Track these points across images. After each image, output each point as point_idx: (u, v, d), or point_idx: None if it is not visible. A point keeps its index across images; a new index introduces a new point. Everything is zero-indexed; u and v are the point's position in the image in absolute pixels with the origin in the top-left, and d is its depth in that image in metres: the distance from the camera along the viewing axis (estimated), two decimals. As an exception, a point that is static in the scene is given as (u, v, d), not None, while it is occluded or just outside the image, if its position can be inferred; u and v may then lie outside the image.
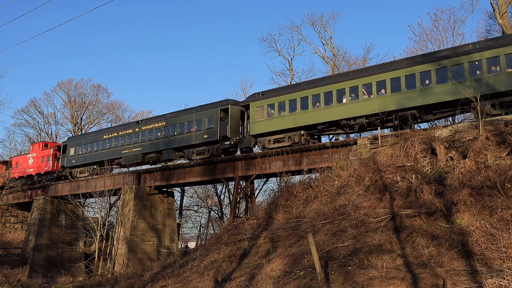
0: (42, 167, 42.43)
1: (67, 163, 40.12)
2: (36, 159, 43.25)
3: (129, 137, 35.68)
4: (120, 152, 35.86)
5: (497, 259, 11.52)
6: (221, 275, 16.27)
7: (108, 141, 37.22)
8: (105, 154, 36.92)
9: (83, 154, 39.01)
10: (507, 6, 30.15)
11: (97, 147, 37.97)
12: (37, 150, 43.86)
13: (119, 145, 36.18)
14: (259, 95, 29.27)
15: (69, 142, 41.21)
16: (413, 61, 23.86)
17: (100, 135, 38.61)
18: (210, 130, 30.38)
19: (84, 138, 40.25)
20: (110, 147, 36.76)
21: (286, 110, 27.46)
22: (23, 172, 44.10)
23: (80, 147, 39.57)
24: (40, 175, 42.71)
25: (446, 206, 14.55)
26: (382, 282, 11.72)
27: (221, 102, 31.68)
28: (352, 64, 43.51)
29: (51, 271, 37.50)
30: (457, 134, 19.41)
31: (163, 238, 35.02)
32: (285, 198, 21.36)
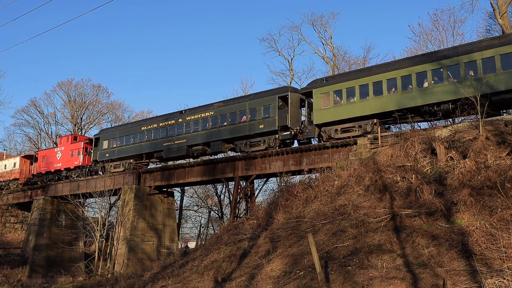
0: (72, 161, 40.22)
1: (100, 157, 37.59)
2: (65, 153, 41.06)
3: (171, 128, 33.14)
4: (161, 144, 33.26)
5: (497, 259, 11.52)
6: (221, 275, 16.27)
7: (147, 133, 34.58)
8: (143, 147, 34.65)
9: (118, 147, 36.48)
10: (507, 6, 30.15)
11: (134, 140, 35.50)
12: (65, 144, 41.60)
13: (159, 137, 33.53)
14: (322, 81, 26.99)
15: (102, 135, 38.53)
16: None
17: (137, 127, 36.01)
18: (267, 120, 28.02)
19: (119, 130, 37.53)
20: (149, 140, 34.21)
21: (356, 96, 25.10)
22: (51, 166, 41.87)
23: (114, 140, 37.00)
24: (70, 170, 40.67)
25: (446, 206, 14.55)
26: (382, 282, 11.72)
27: (278, 89, 29.73)
28: (352, 64, 43.57)
29: (51, 271, 37.52)
30: (457, 134, 19.42)
31: (163, 238, 35.04)
32: (285, 198, 21.37)
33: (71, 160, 40.33)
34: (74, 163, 39.96)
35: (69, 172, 40.54)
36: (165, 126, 33.50)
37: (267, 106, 28.28)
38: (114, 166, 36.93)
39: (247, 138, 29.32)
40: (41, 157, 43.49)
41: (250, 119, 28.93)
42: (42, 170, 42.57)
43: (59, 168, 41.08)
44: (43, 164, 42.71)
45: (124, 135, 36.38)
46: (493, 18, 34.89)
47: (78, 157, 39.97)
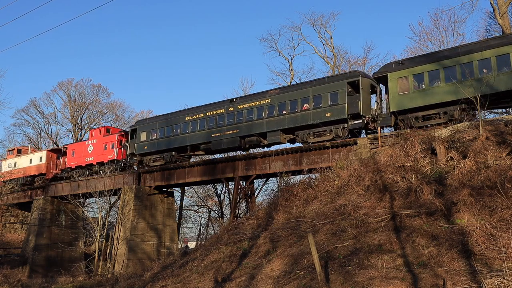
0: (105, 155, 37.77)
1: (137, 150, 35.03)
2: (97, 146, 38.51)
3: (220, 118, 30.51)
4: (209, 135, 30.84)
5: (497, 259, 11.52)
6: (221, 275, 16.27)
7: (192, 123, 32.03)
8: (187, 138, 32.11)
9: (158, 139, 33.86)
10: (507, 6, 30.17)
11: (177, 131, 32.87)
12: (98, 136, 39.01)
13: (206, 128, 31.07)
14: (398, 64, 24.79)
15: (139, 126, 35.82)
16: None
17: (181, 117, 33.11)
18: (334, 107, 25.72)
19: (159, 121, 34.58)
20: (195, 130, 31.72)
21: (441, 80, 22.85)
22: (81, 161, 39.63)
23: (154, 131, 34.35)
24: (102, 164, 38.35)
25: (446, 206, 14.56)
26: (382, 282, 11.73)
27: (347, 74, 27.37)
28: (352, 64, 43.53)
29: (51, 271, 37.54)
30: (457, 134, 19.43)
31: (163, 238, 35.05)
32: (285, 198, 21.37)
33: (105, 153, 37.88)
34: (107, 156, 37.58)
35: (102, 166, 38.36)
36: (214, 115, 30.96)
37: (334, 92, 25.95)
38: (153, 160, 34.62)
39: (310, 128, 26.89)
40: (70, 151, 41.33)
41: (314, 106, 26.58)
42: (71, 165, 40.44)
43: (91, 162, 38.84)
44: (73, 158, 40.51)
45: (165, 125, 33.68)
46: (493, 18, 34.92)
47: (112, 151, 37.41)
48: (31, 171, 43.60)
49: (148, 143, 34.42)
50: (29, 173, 43.64)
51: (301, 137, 27.31)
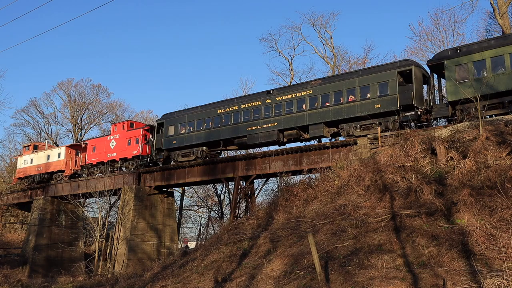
0: (129, 150, 35.98)
1: (164, 145, 33.33)
2: (120, 141, 36.79)
3: (256, 110, 28.95)
4: (244, 129, 29.22)
5: (497, 259, 11.52)
6: (221, 275, 16.27)
7: (225, 116, 30.39)
8: (220, 132, 30.49)
9: (188, 134, 32.19)
10: (507, 6, 30.20)
11: (208, 124, 31.24)
12: (121, 131, 37.22)
13: (241, 121, 29.47)
14: (455, 52, 23.18)
15: (166, 120, 34.03)
16: None
17: (212, 109, 31.37)
18: (384, 98, 24.29)
19: (189, 114, 32.79)
20: (228, 124, 30.09)
21: (507, 66, 21.15)
22: (103, 157, 37.91)
23: (183, 125, 32.69)
24: (126, 160, 36.50)
25: (446, 206, 14.56)
26: (382, 282, 11.73)
27: (397, 63, 25.66)
28: (353, 64, 43.53)
29: (51, 271, 37.57)
30: (457, 134, 19.44)
31: (163, 238, 35.07)
32: (285, 198, 21.37)
33: (128, 149, 36.07)
34: (132, 152, 35.77)
35: (126, 162, 36.70)
36: (249, 108, 29.32)
37: (383, 82, 24.53)
38: (182, 155, 32.90)
39: (357, 120, 25.40)
40: (90, 146, 39.62)
41: (361, 98, 25.09)
42: (92, 161, 38.83)
43: (114, 158, 37.19)
44: (94, 154, 38.80)
45: (196, 119, 32.05)
46: (493, 18, 34.93)
47: (136, 146, 35.59)
48: (48, 168, 42.09)
49: (176, 138, 32.82)
50: (47, 170, 42.14)
51: (346, 131, 25.74)
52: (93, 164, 38.80)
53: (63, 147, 41.98)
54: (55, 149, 43.05)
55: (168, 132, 33.37)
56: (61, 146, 43.69)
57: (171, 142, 33.06)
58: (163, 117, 34.82)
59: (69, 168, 40.83)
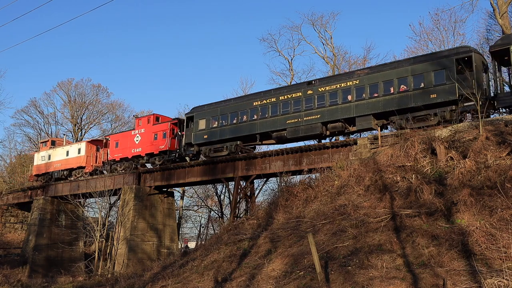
0: (156, 145, 34.38)
1: (195, 140, 31.72)
2: (146, 136, 35.13)
3: (297, 102, 27.41)
4: (283, 122, 27.73)
5: (497, 259, 11.53)
6: (221, 275, 16.28)
7: (262, 108, 28.80)
8: (256, 126, 28.91)
9: (221, 127, 30.52)
10: (507, 6, 30.20)
11: (243, 117, 29.62)
12: (146, 125, 35.56)
13: (280, 113, 27.94)
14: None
15: (196, 113, 32.36)
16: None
17: (247, 102, 29.82)
18: (441, 88, 22.70)
19: (222, 107, 31.16)
20: (266, 117, 28.51)
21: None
22: (127, 152, 36.21)
23: (215, 119, 31.02)
24: (152, 156, 34.86)
25: (446, 206, 14.57)
26: (382, 282, 11.73)
27: (454, 49, 24.22)
28: (353, 64, 43.52)
29: (51, 271, 37.58)
30: (457, 134, 19.44)
31: (163, 238, 35.08)
32: (285, 198, 21.38)
33: (155, 144, 34.49)
34: (159, 147, 34.19)
35: (152, 158, 35.06)
36: (288, 99, 27.82)
37: (439, 70, 23.03)
38: (214, 150, 31.27)
39: (411, 111, 23.72)
40: (113, 142, 37.90)
41: (415, 87, 23.54)
42: (115, 157, 37.15)
43: (139, 154, 35.49)
44: (117, 149, 37.13)
45: (229, 112, 30.41)
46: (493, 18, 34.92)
47: (164, 140, 33.93)
48: (68, 164, 40.61)
49: (208, 132, 31.16)
50: (66, 166, 40.79)
51: (397, 123, 24.14)
52: (116, 160, 37.32)
53: (83, 143, 40.61)
54: (74, 144, 41.64)
55: (199, 126, 31.78)
56: (81, 142, 42.21)
57: (202, 137, 31.51)
58: (193, 110, 33.26)
59: (90, 164, 39.37)
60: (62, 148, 42.27)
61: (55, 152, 42.51)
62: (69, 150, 40.99)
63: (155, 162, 34.61)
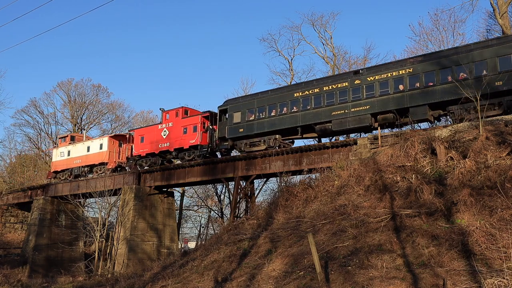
0: (186, 139, 32.73)
1: (229, 133, 30.02)
2: (174, 130, 33.58)
3: (343, 92, 25.87)
4: (327, 114, 26.16)
5: (497, 259, 11.53)
6: (221, 275, 16.28)
7: (304, 100, 27.24)
8: (298, 118, 27.28)
9: (258, 120, 28.93)
10: (507, 6, 30.21)
11: (282, 109, 28.05)
12: (174, 119, 33.92)
13: (324, 105, 26.32)
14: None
15: (231, 105, 30.73)
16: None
17: (287, 93, 28.23)
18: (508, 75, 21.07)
19: (258, 99, 29.51)
20: (307, 108, 26.97)
21: None
22: (154, 147, 34.59)
23: (251, 111, 29.43)
24: (182, 151, 33.25)
25: (446, 206, 14.57)
26: (382, 282, 11.73)
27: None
28: (353, 64, 43.52)
29: (51, 271, 37.61)
30: (457, 134, 19.44)
31: (163, 238, 35.09)
32: (285, 198, 21.38)
33: (185, 138, 32.88)
34: (189, 142, 32.57)
35: (181, 153, 33.32)
36: (333, 90, 26.26)
37: (506, 56, 21.40)
38: (251, 144, 29.63)
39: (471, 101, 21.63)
40: (138, 136, 36.12)
41: (476, 74, 21.93)
42: (141, 152, 35.50)
43: (167, 149, 33.90)
44: (142, 144, 35.46)
45: (267, 104, 28.81)
46: (493, 18, 34.95)
47: (194, 135, 32.26)
48: (89, 161, 39.23)
49: (244, 125, 29.52)
50: (87, 163, 39.42)
51: (456, 113, 22.55)
52: (142, 156, 35.68)
53: (105, 138, 39.00)
54: (96, 140, 40.11)
55: (233, 119, 30.14)
56: (103, 137, 40.50)
57: (237, 130, 29.85)
58: (227, 102, 31.64)
59: (113, 160, 37.91)
60: (82, 143, 40.73)
61: (75, 148, 41.04)
62: (90, 146, 39.55)
63: (184, 157, 33.00)
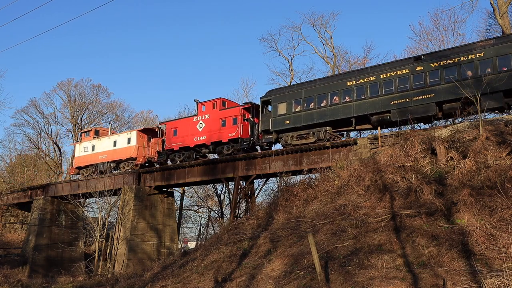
0: (225, 132, 30.76)
1: (274, 126, 28.21)
2: (211, 122, 31.62)
3: (403, 80, 24.04)
4: (385, 103, 24.30)
5: (497, 259, 11.53)
6: (221, 275, 16.28)
7: (358, 89, 25.41)
8: (351, 108, 25.47)
9: (306, 111, 27.11)
10: (507, 6, 30.21)
11: (333, 99, 26.21)
12: (211, 111, 31.99)
13: (382, 94, 24.52)
14: None
15: (275, 96, 28.84)
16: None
17: (339, 82, 26.32)
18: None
19: (306, 89, 27.63)
20: (362, 98, 25.14)
21: None
22: (188, 141, 32.67)
23: (298, 102, 27.60)
24: (220, 144, 31.28)
25: (446, 206, 14.57)
26: (382, 282, 11.73)
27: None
28: (353, 64, 43.52)
29: (51, 271, 37.59)
30: (457, 134, 19.44)
31: (163, 238, 35.10)
32: (285, 198, 21.38)
33: (223, 131, 30.93)
34: (228, 134, 30.58)
35: (219, 146, 31.41)
36: (392, 77, 24.48)
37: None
38: (298, 137, 27.79)
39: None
40: (170, 129, 34.15)
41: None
42: (173, 146, 33.52)
43: (203, 142, 31.94)
44: (175, 138, 33.54)
45: (316, 94, 26.91)
46: (493, 18, 34.94)
47: (234, 127, 30.33)
48: (115, 156, 37.35)
49: (291, 117, 27.66)
50: (113, 158, 37.52)
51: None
52: (175, 150, 33.67)
53: (134, 131, 37.01)
54: (123, 134, 38.33)
55: (278, 111, 28.32)
56: (131, 131, 38.37)
57: (283, 123, 28.01)
58: (270, 93, 29.78)
59: (142, 155, 36.13)
60: (108, 138, 38.79)
61: (99, 142, 39.20)
62: (117, 140, 37.68)
63: (222, 151, 31.20)
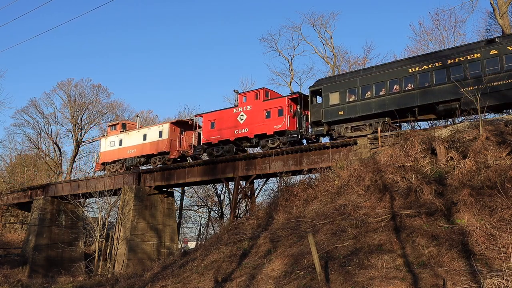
0: (270, 124, 28.82)
1: (326, 117, 26.30)
2: (254, 114, 29.67)
3: (474, 65, 21.89)
4: (454, 91, 22.05)
5: (497, 259, 11.53)
6: (221, 275, 16.28)
7: (421, 76, 23.36)
8: (414, 97, 23.45)
9: (362, 101, 25.13)
10: (507, 6, 30.21)
11: (393, 88, 24.31)
12: (253, 101, 30.00)
13: (448, 81, 22.43)
14: None
15: (326, 85, 26.86)
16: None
17: (399, 69, 24.26)
18: None
19: (361, 77, 25.62)
20: (426, 85, 23.10)
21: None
22: (228, 134, 30.65)
23: (352, 91, 25.70)
24: (264, 137, 29.37)
25: (446, 206, 14.57)
26: (382, 282, 11.73)
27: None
28: (353, 64, 43.52)
29: (51, 271, 37.61)
30: (457, 134, 19.44)
31: (163, 238, 35.10)
32: (285, 198, 21.38)
33: (268, 123, 28.99)
34: (274, 127, 28.71)
35: (263, 140, 29.54)
36: (460, 63, 22.29)
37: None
38: (353, 128, 25.83)
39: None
40: (207, 122, 32.03)
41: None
42: (211, 139, 31.43)
43: (245, 135, 29.97)
44: (213, 131, 31.51)
45: (373, 82, 24.96)
46: (493, 18, 34.95)
47: (281, 119, 28.52)
48: (145, 150, 35.44)
49: (345, 107, 25.82)
50: (143, 152, 35.61)
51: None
52: (213, 144, 31.60)
53: (166, 124, 34.94)
54: (154, 127, 36.22)
55: (330, 101, 26.40)
56: (163, 123, 36.01)
57: (336, 113, 26.12)
58: (319, 82, 27.87)
59: (175, 149, 34.30)
60: (137, 131, 36.75)
61: (128, 136, 37.13)
62: (147, 134, 35.70)
63: (267, 145, 29.29)
